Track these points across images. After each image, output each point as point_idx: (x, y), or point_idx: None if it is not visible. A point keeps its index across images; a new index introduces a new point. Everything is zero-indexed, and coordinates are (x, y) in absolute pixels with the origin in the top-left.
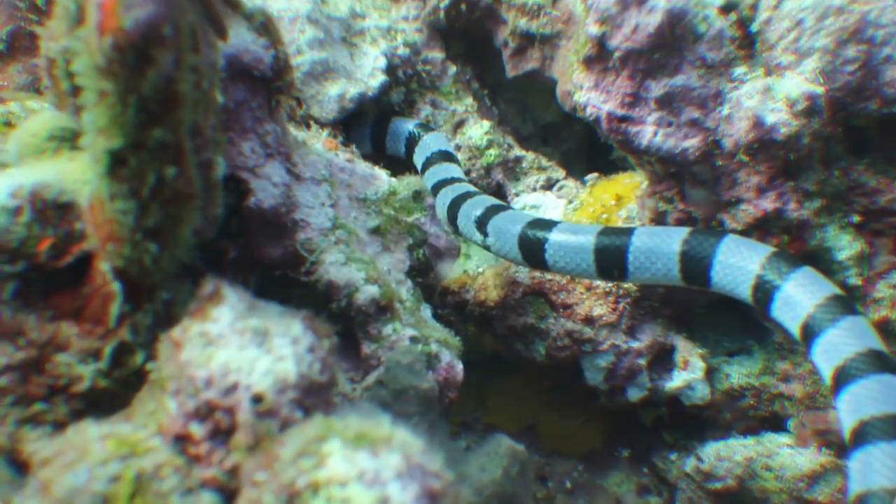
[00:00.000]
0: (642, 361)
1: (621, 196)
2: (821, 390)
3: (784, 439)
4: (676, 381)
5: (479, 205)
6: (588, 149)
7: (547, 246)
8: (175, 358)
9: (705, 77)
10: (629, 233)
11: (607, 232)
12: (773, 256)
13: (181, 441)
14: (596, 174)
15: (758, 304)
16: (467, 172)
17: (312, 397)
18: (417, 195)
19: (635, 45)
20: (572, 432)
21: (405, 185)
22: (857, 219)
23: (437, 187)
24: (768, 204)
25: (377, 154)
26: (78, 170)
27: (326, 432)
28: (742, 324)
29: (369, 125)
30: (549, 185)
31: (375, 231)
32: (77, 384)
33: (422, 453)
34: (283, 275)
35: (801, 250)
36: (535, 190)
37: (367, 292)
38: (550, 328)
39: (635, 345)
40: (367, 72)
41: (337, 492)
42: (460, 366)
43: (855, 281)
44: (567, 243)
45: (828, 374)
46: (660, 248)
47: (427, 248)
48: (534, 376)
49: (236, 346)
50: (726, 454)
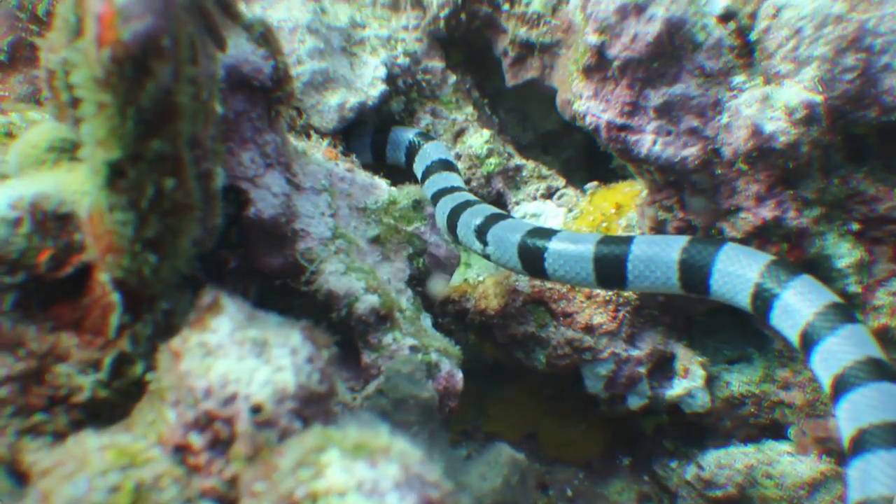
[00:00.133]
0: (642, 369)
1: (621, 205)
2: (821, 398)
3: (784, 447)
4: (677, 388)
5: (478, 214)
6: (588, 157)
7: (546, 255)
8: (174, 368)
9: (704, 86)
10: (628, 241)
11: (607, 241)
12: (771, 265)
13: (181, 451)
14: (596, 183)
15: (757, 313)
16: (468, 181)
17: (311, 407)
18: (417, 204)
19: (634, 54)
20: (573, 440)
21: (405, 194)
22: (856, 227)
23: (437, 196)
24: (767, 212)
25: (377, 163)
26: (77, 181)
27: (325, 442)
28: (742, 332)
29: (370, 134)
30: (549, 194)
31: (375, 240)
32: (77, 395)
33: (420, 463)
34: (283, 284)
35: (800, 258)
36: (535, 199)
37: (367, 302)
38: (551, 337)
39: (635, 353)
40: (367, 81)
41: (335, 502)
42: (460, 375)
43: (854, 289)
44: (567, 252)
45: (827, 382)
46: (659, 257)
47: (427, 257)
48: (534, 385)
49: (235, 356)
50: (727, 462)
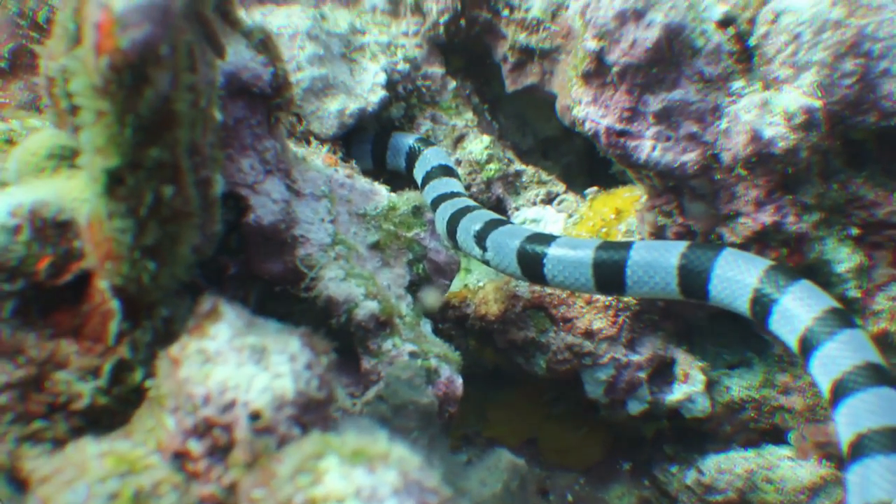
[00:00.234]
0: (642, 374)
1: (621, 210)
2: (821, 402)
3: (785, 452)
4: (677, 393)
5: (478, 219)
6: (588, 162)
7: (545, 260)
8: (173, 375)
9: (703, 91)
10: (627, 247)
11: (606, 246)
12: (770, 270)
13: (180, 458)
14: (596, 188)
15: (756, 318)
16: (468, 187)
17: (310, 414)
18: (417, 210)
19: (633, 59)
20: (573, 445)
21: (405, 200)
22: (855, 231)
23: (437, 202)
24: (767, 217)
25: (378, 169)
26: (77, 188)
27: (323, 449)
28: (742, 336)
29: (370, 140)
30: (549, 200)
31: (375, 246)
32: (76, 402)
33: (419, 469)
34: (283, 290)
35: (800, 263)
36: (535, 204)
37: (367, 308)
38: (551, 342)
39: (635, 358)
40: (366, 87)
41: None
42: (460, 380)
43: (854, 293)
44: (566, 258)
45: (826, 387)
46: (658, 262)
47: (427, 262)
48: (535, 390)
49: (234, 363)
50: (727, 467)
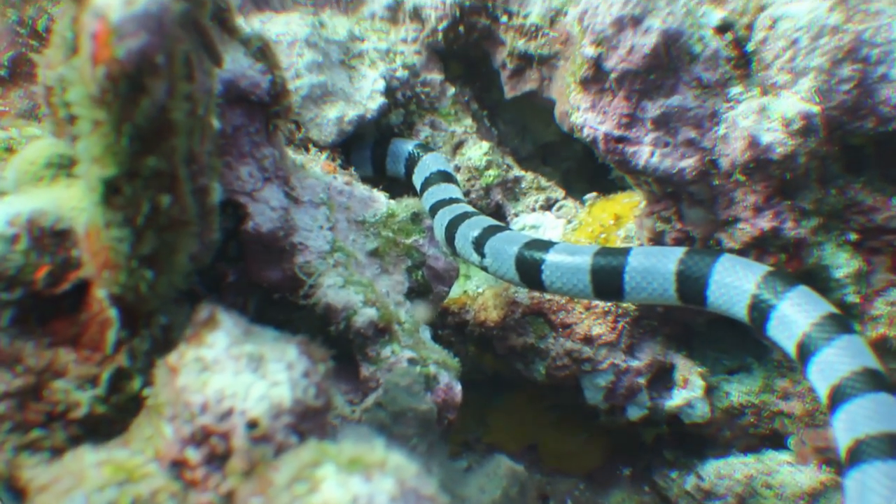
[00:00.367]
0: (642, 380)
1: (620, 216)
2: (820, 408)
3: (784, 457)
4: (676, 399)
5: (476, 225)
6: (588, 168)
7: (544, 267)
8: (171, 383)
9: (701, 97)
10: (625, 253)
11: (604, 252)
12: (768, 275)
13: (177, 466)
14: (595, 194)
15: (754, 324)
16: (466, 193)
17: (307, 422)
18: (416, 217)
19: (631, 66)
20: (573, 451)
21: (403, 207)
22: (854, 237)
23: (436, 208)
24: (765, 223)
25: (378, 176)
26: (75, 197)
27: (320, 457)
28: (742, 342)
29: (369, 147)
30: (548, 205)
31: (374, 253)
32: (74, 410)
33: (416, 477)
34: (282, 297)
35: (798, 268)
36: (534, 210)
37: (366, 315)
38: (550, 348)
39: (635, 363)
40: (365, 94)
41: None
42: (459, 387)
43: (853, 298)
44: (564, 264)
45: (824, 392)
46: (656, 268)
47: (426, 269)
48: (534, 396)
49: (231, 371)
50: (727, 472)
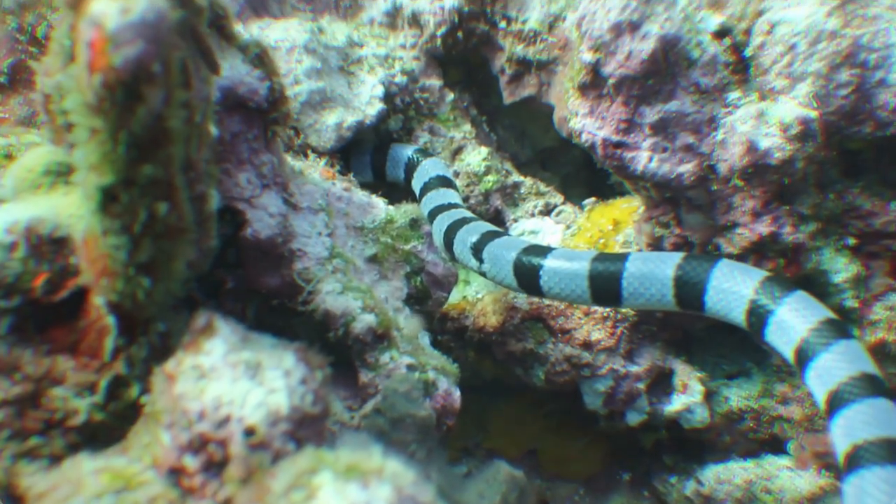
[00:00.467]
0: (641, 385)
1: (619, 221)
2: (819, 412)
3: (784, 462)
4: (675, 404)
5: (474, 231)
6: (587, 173)
7: (542, 272)
8: (169, 391)
9: (699, 102)
10: (623, 258)
11: (602, 258)
12: (766, 281)
13: (175, 474)
14: (594, 199)
15: (752, 329)
16: (466, 199)
17: (305, 429)
18: (414, 223)
19: (629, 71)
20: (573, 456)
21: (402, 212)
22: (852, 241)
23: (434, 213)
24: (764, 228)
25: (378, 182)
26: (73, 204)
27: (317, 464)
28: (741, 347)
29: (369, 153)
30: (547, 211)
31: (373, 259)
32: (73, 418)
33: (413, 484)
34: (281, 304)
35: (797, 273)
36: (533, 215)
37: (364, 321)
38: (549, 353)
39: (634, 369)
40: (364, 100)
41: None
42: (458, 393)
43: (851, 303)
44: (562, 269)
45: (821, 398)
46: (654, 274)
47: (425, 275)
48: (534, 401)
49: (229, 378)
50: (726, 477)
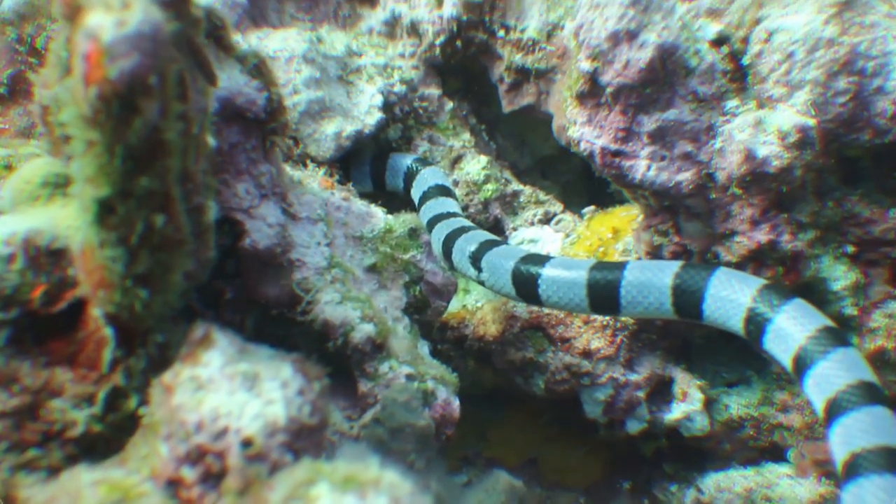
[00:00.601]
0: (641, 394)
1: (618, 229)
2: (819, 420)
3: (784, 469)
4: (675, 412)
5: (473, 240)
6: (587, 181)
7: (540, 281)
8: (166, 402)
9: (697, 111)
10: (621, 267)
11: (600, 266)
12: (764, 289)
13: (173, 485)
14: (593, 207)
15: (750, 337)
16: (465, 207)
17: (302, 440)
18: (413, 232)
19: (627, 80)
20: (573, 465)
21: (401, 222)
22: (851, 249)
23: (433, 222)
24: (762, 236)
25: (378, 191)
26: (71, 216)
27: (315, 476)
28: (740, 355)
29: (368, 162)
30: (546, 219)
31: (371, 269)
32: (71, 429)
33: (410, 495)
34: (280, 314)
35: (796, 281)
36: (532, 224)
37: (363, 331)
38: (549, 362)
39: (634, 377)
40: (363, 109)
41: None
42: (457, 402)
43: (850, 311)
44: (560, 278)
45: (820, 406)
46: (652, 282)
47: (424, 284)
48: (534, 410)
49: (226, 390)
50: (726, 485)
